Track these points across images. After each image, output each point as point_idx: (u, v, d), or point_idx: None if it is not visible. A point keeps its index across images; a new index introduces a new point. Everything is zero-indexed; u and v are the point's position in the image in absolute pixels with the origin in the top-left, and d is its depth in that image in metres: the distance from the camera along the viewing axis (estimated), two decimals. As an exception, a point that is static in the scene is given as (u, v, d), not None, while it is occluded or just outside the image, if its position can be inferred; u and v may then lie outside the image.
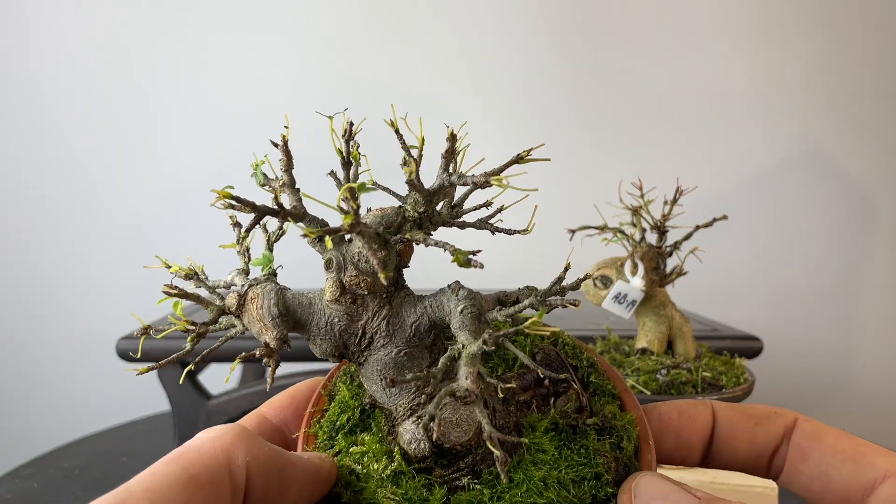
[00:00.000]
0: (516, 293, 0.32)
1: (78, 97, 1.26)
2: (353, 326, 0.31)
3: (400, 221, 0.31)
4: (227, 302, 0.32)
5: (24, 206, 1.27)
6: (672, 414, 0.35)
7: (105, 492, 0.23)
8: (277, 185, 0.32)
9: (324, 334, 0.31)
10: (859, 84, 1.34)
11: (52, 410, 1.33)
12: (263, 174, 0.33)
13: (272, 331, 0.30)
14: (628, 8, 1.31)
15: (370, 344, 0.32)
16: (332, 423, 0.34)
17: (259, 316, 0.31)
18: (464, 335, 0.28)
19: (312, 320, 0.32)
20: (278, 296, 0.31)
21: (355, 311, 0.31)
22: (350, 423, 0.34)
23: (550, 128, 1.34)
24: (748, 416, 0.35)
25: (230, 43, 1.28)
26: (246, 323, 0.32)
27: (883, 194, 1.37)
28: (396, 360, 0.31)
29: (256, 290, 0.32)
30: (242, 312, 0.32)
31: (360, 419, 0.34)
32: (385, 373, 0.32)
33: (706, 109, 1.34)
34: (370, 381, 0.33)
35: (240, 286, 0.32)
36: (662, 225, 0.73)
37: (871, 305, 1.39)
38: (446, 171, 0.31)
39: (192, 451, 0.27)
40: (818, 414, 1.36)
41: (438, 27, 1.30)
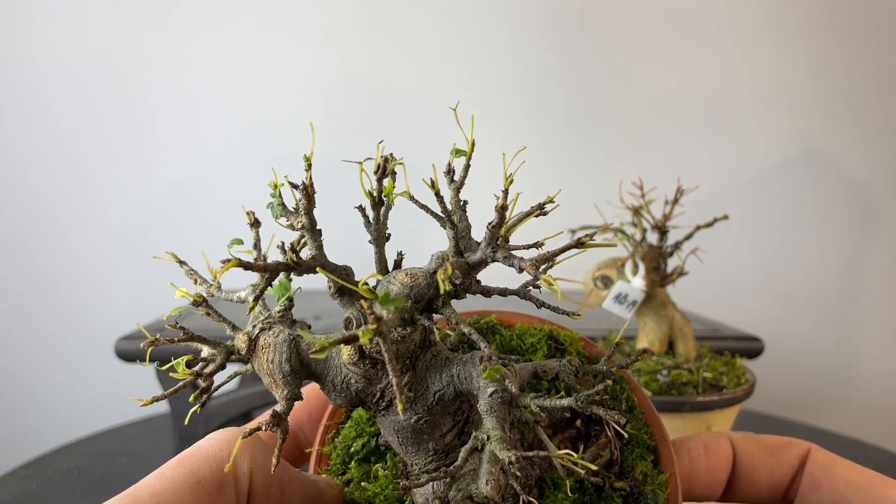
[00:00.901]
0: (556, 367, 0.29)
1: (77, 97, 1.26)
2: (372, 388, 0.29)
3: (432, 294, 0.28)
4: (237, 344, 0.29)
5: (25, 206, 1.27)
6: (699, 450, 0.35)
7: (104, 492, 0.22)
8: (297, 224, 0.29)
9: (339, 391, 0.29)
10: (861, 84, 1.34)
11: (50, 411, 1.32)
12: (282, 206, 0.29)
13: (283, 389, 0.28)
14: (629, 8, 1.30)
15: (388, 406, 0.29)
16: (347, 446, 0.33)
17: (269, 370, 0.28)
18: (491, 422, 0.26)
19: (328, 375, 0.29)
20: (291, 350, 0.28)
21: (374, 374, 0.28)
22: (365, 449, 0.32)
23: (551, 128, 1.34)
24: (765, 447, 0.35)
25: (230, 43, 1.28)
26: (256, 369, 0.29)
27: (885, 194, 1.36)
28: (415, 427, 0.29)
29: (268, 339, 0.29)
30: (252, 358, 0.29)
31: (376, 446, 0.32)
32: (403, 434, 0.30)
33: (707, 109, 1.34)
34: (386, 432, 0.31)
35: (250, 324, 0.30)
36: (663, 225, 0.73)
37: (873, 306, 1.39)
38: (490, 246, 0.28)
39: (200, 455, 0.27)
40: (819, 414, 1.36)
41: (439, 27, 1.30)
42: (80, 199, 1.28)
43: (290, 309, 0.30)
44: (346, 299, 0.29)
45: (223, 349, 0.29)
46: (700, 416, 0.68)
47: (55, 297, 1.30)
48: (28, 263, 1.28)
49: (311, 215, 0.29)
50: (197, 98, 1.28)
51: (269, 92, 1.29)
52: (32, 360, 1.31)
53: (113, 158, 1.28)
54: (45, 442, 1.12)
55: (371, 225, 0.31)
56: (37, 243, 1.28)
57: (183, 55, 1.27)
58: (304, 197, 0.29)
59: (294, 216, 0.29)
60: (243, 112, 1.30)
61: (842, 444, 1.00)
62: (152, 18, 1.25)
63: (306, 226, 0.29)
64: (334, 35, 1.29)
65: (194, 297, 0.30)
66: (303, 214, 0.29)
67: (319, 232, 0.29)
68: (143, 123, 1.28)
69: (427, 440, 0.30)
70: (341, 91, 1.30)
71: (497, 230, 0.28)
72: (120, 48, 1.25)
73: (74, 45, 1.24)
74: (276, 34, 1.28)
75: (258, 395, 0.81)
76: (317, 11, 1.28)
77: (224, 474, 0.26)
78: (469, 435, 0.30)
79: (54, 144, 1.26)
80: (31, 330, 1.30)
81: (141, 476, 0.27)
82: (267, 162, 1.31)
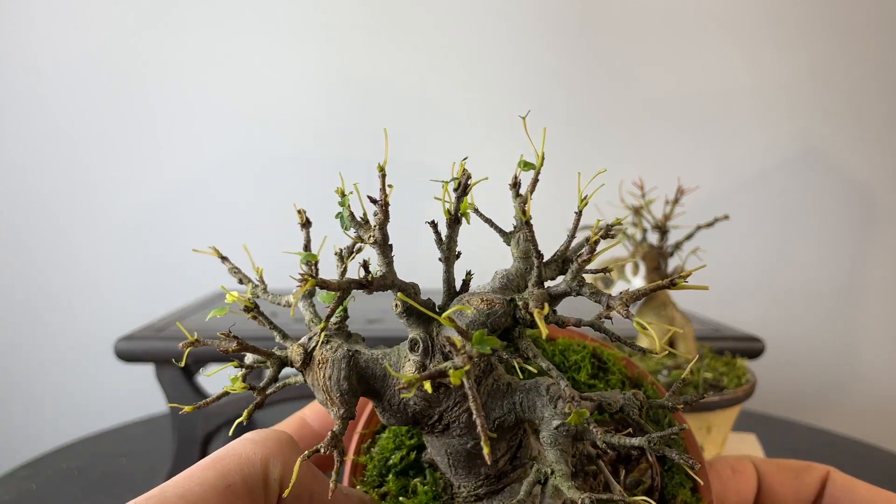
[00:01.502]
0: (620, 400, 0.28)
1: (77, 97, 1.26)
2: (430, 411, 0.28)
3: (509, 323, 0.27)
4: (291, 356, 0.28)
5: (25, 206, 1.27)
6: (727, 472, 0.34)
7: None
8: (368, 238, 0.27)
9: (394, 411, 0.28)
10: (861, 84, 1.33)
11: (50, 411, 1.32)
12: (351, 215, 0.28)
13: (339, 408, 0.27)
14: (629, 8, 1.30)
15: (445, 430, 0.28)
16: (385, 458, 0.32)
17: (326, 387, 0.27)
18: (554, 455, 0.25)
19: (385, 395, 0.28)
20: (350, 367, 0.27)
21: (435, 398, 0.27)
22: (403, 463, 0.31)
23: (551, 127, 1.33)
24: (788, 470, 0.35)
25: (230, 43, 1.27)
26: (309, 383, 0.28)
27: (885, 194, 1.36)
28: (470, 452, 0.28)
29: (326, 354, 0.27)
30: (307, 371, 0.28)
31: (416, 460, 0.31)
32: (455, 458, 0.29)
33: (707, 109, 1.34)
34: (435, 452, 0.30)
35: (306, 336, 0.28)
36: (664, 225, 0.73)
37: (873, 305, 1.39)
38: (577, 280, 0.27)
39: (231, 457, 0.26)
40: (820, 414, 1.36)
41: (439, 27, 1.29)
42: (80, 199, 1.28)
43: (345, 320, 0.29)
44: (413, 319, 0.27)
45: (276, 360, 0.28)
46: (700, 416, 0.68)
47: (55, 297, 1.30)
48: (28, 263, 1.28)
49: (385, 230, 0.27)
50: (197, 98, 1.28)
51: (269, 92, 1.29)
52: (32, 361, 1.31)
53: (113, 158, 1.28)
54: (45, 442, 1.12)
55: (442, 243, 0.29)
56: (37, 243, 1.28)
57: (183, 55, 1.27)
58: (380, 211, 0.27)
59: (365, 229, 0.27)
60: (243, 112, 1.29)
61: (842, 445, 1.00)
62: (152, 18, 1.25)
63: (378, 241, 0.27)
64: (334, 35, 1.29)
65: (245, 301, 0.29)
66: (376, 229, 0.27)
67: (391, 247, 0.27)
68: (143, 123, 1.28)
69: (480, 465, 0.29)
70: (341, 91, 1.30)
71: (585, 264, 0.27)
72: (120, 48, 1.25)
73: (74, 45, 1.24)
74: (276, 34, 1.28)
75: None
76: (317, 11, 1.27)
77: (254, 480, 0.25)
78: (520, 460, 0.29)
79: (54, 144, 1.26)
80: (31, 330, 1.30)
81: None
82: (267, 162, 1.31)
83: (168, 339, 0.80)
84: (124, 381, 1.30)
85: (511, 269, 0.29)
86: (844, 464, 0.98)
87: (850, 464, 0.92)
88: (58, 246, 1.29)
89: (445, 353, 0.26)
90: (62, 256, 1.29)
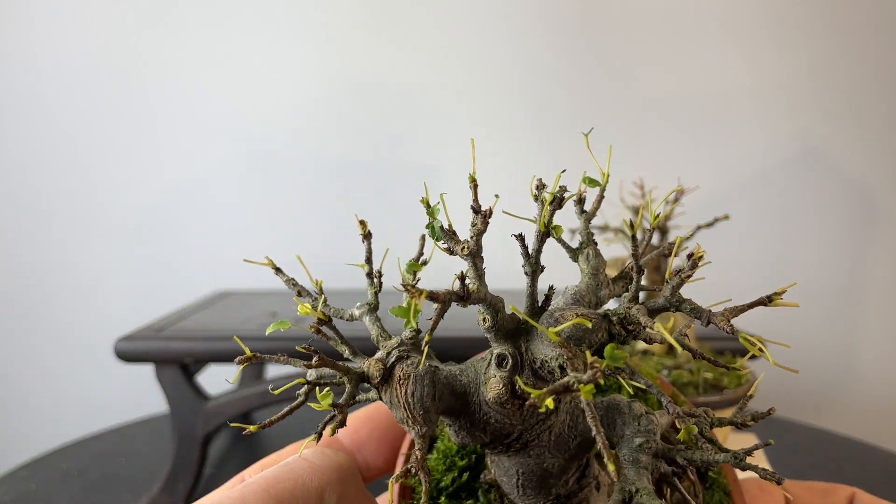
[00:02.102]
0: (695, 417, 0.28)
1: (77, 97, 1.26)
2: (511, 429, 0.27)
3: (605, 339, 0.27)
4: (370, 372, 0.26)
5: (25, 206, 1.27)
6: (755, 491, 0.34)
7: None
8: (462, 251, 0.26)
9: (473, 429, 0.27)
10: (861, 84, 1.33)
11: (50, 411, 1.32)
12: (441, 228, 0.27)
13: (422, 426, 0.26)
14: (629, 8, 1.30)
15: (523, 448, 0.27)
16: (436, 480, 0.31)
17: (407, 404, 0.26)
18: (636, 473, 0.25)
19: (465, 412, 0.27)
20: (434, 384, 0.26)
21: (518, 416, 0.26)
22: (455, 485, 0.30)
23: (551, 127, 1.34)
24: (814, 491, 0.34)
25: (230, 43, 1.27)
26: (387, 401, 0.27)
27: (886, 194, 1.36)
28: (546, 471, 0.28)
29: (407, 370, 0.26)
30: (384, 388, 0.27)
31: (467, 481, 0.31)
32: (527, 476, 0.28)
33: (707, 109, 1.34)
34: (502, 472, 0.29)
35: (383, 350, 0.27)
36: (664, 225, 0.73)
37: (873, 306, 1.39)
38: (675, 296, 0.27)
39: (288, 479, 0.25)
40: (820, 414, 1.36)
41: (439, 27, 1.29)
42: (80, 199, 1.28)
43: (419, 334, 0.28)
44: (500, 334, 0.27)
45: (353, 376, 0.27)
46: (700, 416, 0.68)
47: (55, 297, 1.30)
48: (28, 263, 1.28)
49: (480, 240, 0.27)
50: (197, 98, 1.28)
51: (270, 92, 1.29)
52: (32, 361, 1.31)
53: (113, 158, 1.28)
54: (45, 442, 1.12)
55: (530, 257, 0.28)
56: (37, 243, 1.28)
57: (183, 55, 1.27)
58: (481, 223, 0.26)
59: (456, 241, 0.27)
60: (244, 112, 1.29)
61: (843, 445, 1.00)
62: (152, 18, 1.25)
63: (473, 252, 0.26)
64: (334, 35, 1.29)
65: (319, 314, 0.27)
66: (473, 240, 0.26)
67: (482, 259, 0.26)
68: (143, 123, 1.28)
69: (552, 484, 0.28)
70: (342, 91, 1.30)
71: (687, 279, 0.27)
72: (120, 48, 1.25)
73: (74, 45, 1.24)
74: (276, 34, 1.28)
75: (258, 396, 0.81)
76: (317, 11, 1.27)
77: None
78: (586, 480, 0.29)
79: (54, 144, 1.26)
80: (31, 330, 1.30)
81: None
82: (267, 162, 1.31)
83: (168, 339, 0.80)
84: (124, 381, 1.29)
85: (581, 285, 0.29)
86: (844, 464, 0.98)
87: (850, 464, 0.92)
88: (58, 246, 1.29)
89: (535, 370, 0.26)
90: (62, 256, 1.29)
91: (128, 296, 1.31)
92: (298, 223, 1.29)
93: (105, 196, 1.29)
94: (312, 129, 1.31)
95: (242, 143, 1.30)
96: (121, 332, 0.82)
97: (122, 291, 1.31)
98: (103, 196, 1.28)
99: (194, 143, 1.29)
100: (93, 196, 1.28)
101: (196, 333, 0.82)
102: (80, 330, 1.30)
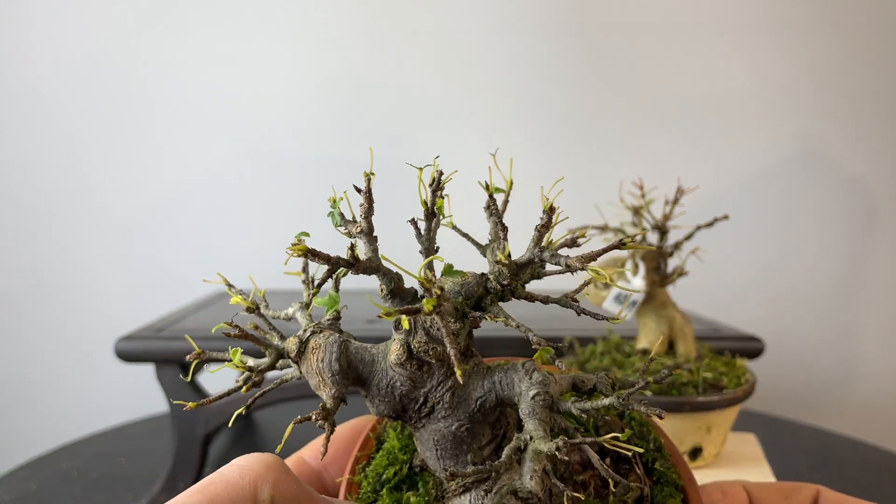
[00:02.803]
0: (593, 379, 0.30)
1: (77, 97, 1.26)
2: (416, 393, 0.30)
3: (481, 293, 0.30)
4: (287, 346, 0.30)
5: (25, 206, 1.27)
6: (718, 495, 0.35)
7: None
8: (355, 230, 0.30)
9: (383, 396, 0.30)
10: (861, 84, 1.34)
11: (50, 411, 1.32)
12: (341, 215, 0.31)
13: (331, 388, 0.29)
14: (629, 8, 1.30)
15: (430, 413, 0.30)
16: (378, 475, 0.33)
17: (318, 370, 0.29)
18: (532, 424, 0.27)
19: (373, 380, 0.30)
20: (341, 350, 0.30)
21: (420, 377, 0.30)
22: (397, 478, 0.32)
23: (550, 127, 1.34)
24: (777, 491, 0.35)
25: (230, 43, 1.27)
26: (304, 372, 0.30)
27: (885, 194, 1.36)
28: (456, 435, 0.30)
29: (319, 340, 0.30)
30: (301, 360, 0.30)
31: (408, 475, 0.33)
32: (442, 444, 0.30)
33: (708, 109, 1.34)
34: (424, 447, 0.31)
35: (301, 329, 0.31)
36: (663, 225, 0.73)
37: (873, 305, 1.39)
38: (538, 246, 0.29)
39: (219, 483, 0.26)
40: (819, 414, 1.35)
41: (439, 27, 1.30)
42: (79, 199, 1.28)
43: (338, 319, 0.32)
44: (397, 301, 0.30)
45: (273, 350, 0.31)
46: (700, 416, 0.68)
47: (55, 297, 1.30)
48: (28, 263, 1.28)
49: (370, 220, 0.30)
50: (197, 98, 1.28)
51: (270, 92, 1.29)
52: (32, 360, 1.31)
53: (113, 158, 1.28)
54: (45, 442, 1.12)
55: (421, 236, 0.32)
56: (37, 243, 1.28)
57: (183, 55, 1.27)
58: (365, 200, 0.30)
59: (352, 224, 0.31)
60: (243, 112, 1.30)
61: (842, 445, 1.00)
62: (152, 18, 1.25)
63: (364, 230, 0.30)
64: (334, 35, 1.29)
65: (248, 304, 0.32)
66: (362, 219, 0.30)
67: (375, 238, 0.30)
68: (143, 124, 1.28)
69: (466, 451, 0.30)
70: (342, 91, 1.30)
71: (544, 230, 0.29)
72: (120, 48, 1.25)
73: (74, 45, 1.24)
74: (276, 34, 1.28)
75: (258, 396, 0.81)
76: (317, 12, 1.28)
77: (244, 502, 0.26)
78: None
79: (54, 144, 1.26)
80: (31, 330, 1.30)
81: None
82: (267, 162, 1.31)
83: (168, 338, 0.80)
84: (124, 381, 1.30)
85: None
86: (844, 464, 0.98)
87: (850, 464, 0.92)
88: (58, 246, 1.29)
89: (426, 329, 0.29)
90: (62, 256, 1.29)
91: (128, 296, 1.31)
92: (298, 223, 1.29)
93: (105, 196, 1.29)
94: (312, 129, 1.31)
95: (242, 143, 1.30)
96: (121, 332, 0.82)
97: (122, 291, 1.31)
98: (103, 196, 1.29)
99: (194, 143, 1.29)
100: (93, 196, 1.28)
101: (196, 333, 0.82)
102: (80, 330, 1.30)
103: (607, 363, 0.74)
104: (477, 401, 0.30)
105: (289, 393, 0.82)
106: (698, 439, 0.71)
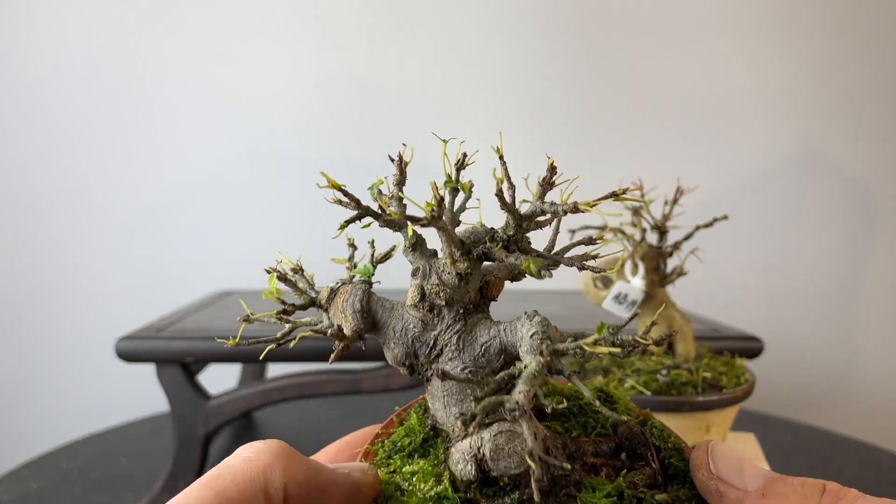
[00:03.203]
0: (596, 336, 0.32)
1: (77, 97, 1.26)
2: (426, 335, 0.33)
3: (487, 240, 0.33)
4: (320, 294, 0.34)
5: (25, 206, 1.27)
6: None
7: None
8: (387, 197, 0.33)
9: (398, 338, 0.33)
10: (861, 84, 1.34)
11: (50, 411, 1.32)
12: (379, 190, 0.34)
13: (351, 322, 0.33)
14: (629, 7, 1.30)
15: (439, 356, 0.33)
16: (394, 443, 0.34)
17: (342, 307, 0.33)
18: (529, 357, 0.29)
19: (390, 323, 0.33)
20: (365, 294, 0.34)
21: (430, 320, 0.33)
22: (411, 446, 0.34)
23: (550, 127, 1.34)
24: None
25: (230, 43, 1.28)
26: (331, 316, 0.34)
27: (885, 194, 1.36)
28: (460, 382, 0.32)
29: (347, 287, 0.34)
30: (330, 306, 0.34)
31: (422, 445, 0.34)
32: (448, 390, 0.33)
33: (708, 109, 1.34)
34: (434, 399, 0.34)
35: (334, 282, 0.35)
36: (663, 225, 0.73)
37: (873, 305, 1.39)
38: (541, 199, 0.33)
39: (227, 474, 0.26)
40: (819, 414, 1.36)
41: (439, 27, 1.30)
42: (79, 199, 1.28)
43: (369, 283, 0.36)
44: (417, 254, 0.34)
45: (307, 296, 0.35)
46: (699, 415, 0.68)
47: (55, 297, 1.30)
48: (28, 263, 1.28)
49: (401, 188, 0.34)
50: (197, 98, 1.28)
51: (270, 92, 1.29)
52: (32, 360, 1.31)
53: (113, 158, 1.28)
54: (45, 442, 1.12)
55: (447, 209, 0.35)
56: (36, 243, 1.28)
57: (183, 55, 1.27)
58: (398, 170, 0.34)
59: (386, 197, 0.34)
60: (243, 112, 1.30)
61: (842, 445, 1.00)
62: (152, 18, 1.25)
63: (395, 195, 0.33)
64: (334, 35, 1.29)
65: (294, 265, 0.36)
66: (394, 185, 0.34)
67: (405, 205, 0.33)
68: (143, 123, 1.28)
69: (470, 394, 0.32)
70: (342, 91, 1.30)
71: (547, 185, 0.33)
72: (120, 48, 1.25)
73: (74, 45, 1.24)
74: (276, 34, 1.28)
75: (258, 395, 0.81)
76: (317, 11, 1.28)
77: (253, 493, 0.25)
78: None
79: (54, 144, 1.26)
80: (31, 330, 1.30)
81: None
82: (267, 162, 1.31)
83: (168, 338, 0.80)
84: (124, 381, 1.30)
85: None
86: (844, 464, 0.98)
87: (850, 464, 0.92)
88: (57, 246, 1.29)
89: (439, 274, 0.32)
90: (62, 256, 1.29)
91: (128, 296, 1.31)
92: (298, 223, 1.29)
93: (105, 196, 1.29)
94: (312, 129, 1.31)
95: (242, 143, 1.30)
96: (121, 332, 0.82)
97: (122, 291, 1.31)
98: (103, 196, 1.29)
99: (194, 143, 1.29)
100: (93, 196, 1.28)
101: (196, 333, 0.82)
102: (80, 330, 1.30)
103: (607, 362, 0.74)
104: (482, 346, 0.32)
105: (289, 393, 0.82)
106: (697, 439, 0.71)
